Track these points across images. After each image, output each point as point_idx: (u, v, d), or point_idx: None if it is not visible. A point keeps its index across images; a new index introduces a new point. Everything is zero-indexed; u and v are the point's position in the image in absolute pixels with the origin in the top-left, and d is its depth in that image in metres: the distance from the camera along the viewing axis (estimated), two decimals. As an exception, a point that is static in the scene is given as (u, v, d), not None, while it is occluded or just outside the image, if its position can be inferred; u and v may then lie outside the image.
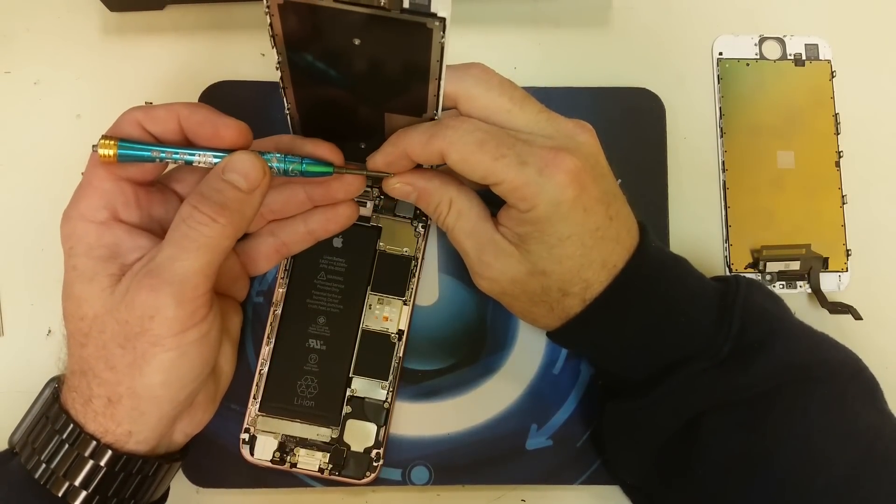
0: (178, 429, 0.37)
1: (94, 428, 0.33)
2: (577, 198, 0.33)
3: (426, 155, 0.34)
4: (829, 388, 0.34)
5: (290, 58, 0.31)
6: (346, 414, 0.41)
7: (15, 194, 0.45)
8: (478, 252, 0.36)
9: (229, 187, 0.33)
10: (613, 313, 0.35)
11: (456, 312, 0.43)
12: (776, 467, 0.33)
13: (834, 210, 0.46)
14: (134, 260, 0.34)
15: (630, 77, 0.46)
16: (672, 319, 0.35)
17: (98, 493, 0.34)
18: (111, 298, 0.33)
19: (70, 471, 0.33)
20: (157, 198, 0.36)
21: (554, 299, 0.35)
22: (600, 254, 0.34)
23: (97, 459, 0.33)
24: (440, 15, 0.28)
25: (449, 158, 0.33)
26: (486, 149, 0.33)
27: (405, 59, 0.31)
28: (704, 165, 0.46)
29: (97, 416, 0.33)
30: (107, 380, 0.33)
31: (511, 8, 0.47)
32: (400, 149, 0.35)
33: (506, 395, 0.43)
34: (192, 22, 0.47)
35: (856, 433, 0.34)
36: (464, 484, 0.42)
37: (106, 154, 0.33)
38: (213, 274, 0.33)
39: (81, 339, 0.33)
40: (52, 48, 0.46)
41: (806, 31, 0.48)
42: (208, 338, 0.34)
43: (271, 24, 0.29)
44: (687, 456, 0.35)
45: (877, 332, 0.45)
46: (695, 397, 0.35)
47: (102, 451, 0.33)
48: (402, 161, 0.35)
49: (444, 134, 0.33)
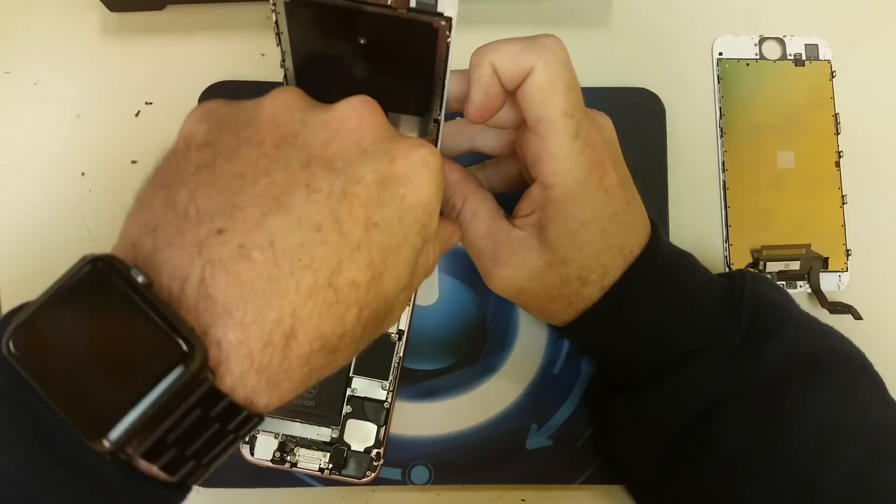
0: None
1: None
2: (601, 180, 0.33)
3: (513, 66, 0.31)
4: (838, 380, 0.34)
5: (294, 56, 0.31)
6: (346, 414, 0.41)
7: (15, 194, 0.45)
8: (493, 251, 0.35)
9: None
10: (630, 299, 0.35)
11: (456, 312, 0.43)
12: (786, 459, 0.33)
13: (834, 210, 0.46)
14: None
15: (630, 77, 0.46)
16: (685, 309, 0.35)
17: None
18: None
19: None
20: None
21: (573, 290, 0.35)
22: (618, 239, 0.34)
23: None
24: (447, 14, 0.28)
25: (534, 77, 0.31)
26: (569, 97, 0.31)
27: (411, 59, 0.31)
28: (704, 165, 0.46)
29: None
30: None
31: (511, 8, 0.47)
32: (484, 60, 0.31)
33: (506, 394, 0.43)
34: (193, 22, 0.47)
35: (865, 426, 0.34)
36: (464, 484, 0.42)
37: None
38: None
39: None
40: (52, 48, 0.46)
41: (806, 31, 0.48)
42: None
43: (277, 22, 0.29)
44: (696, 448, 0.35)
45: (877, 331, 0.45)
46: (707, 389, 0.35)
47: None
48: (485, 76, 0.32)
49: (541, 50, 0.31)
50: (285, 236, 0.24)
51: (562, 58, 0.32)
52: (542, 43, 0.31)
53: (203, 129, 0.27)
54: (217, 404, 0.23)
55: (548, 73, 0.31)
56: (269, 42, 0.30)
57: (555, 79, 0.31)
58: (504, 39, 0.32)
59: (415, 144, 0.28)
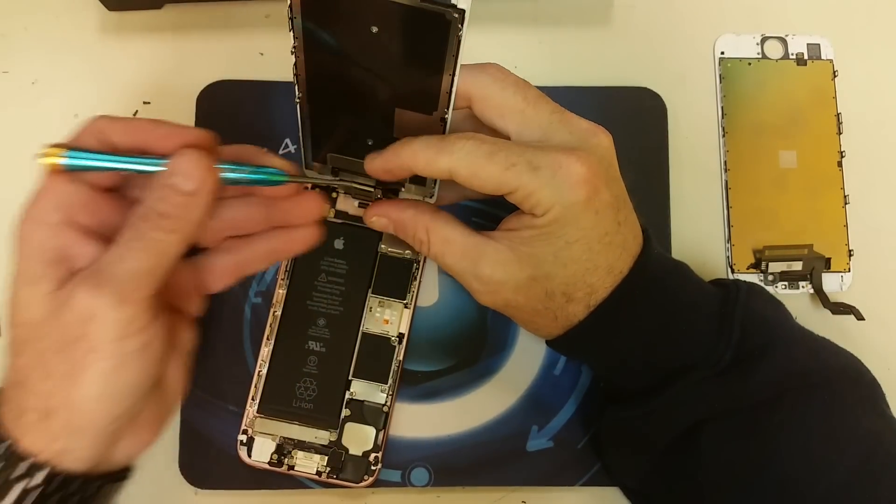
0: (119, 448, 0.34)
1: (29, 444, 0.31)
2: (590, 200, 0.32)
3: (432, 171, 0.33)
4: (828, 394, 0.34)
5: (306, 43, 0.31)
6: (344, 417, 0.41)
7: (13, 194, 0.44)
8: (473, 268, 0.35)
9: (172, 192, 0.32)
10: (617, 320, 0.35)
11: (456, 313, 0.43)
12: (776, 474, 0.33)
13: (836, 210, 0.46)
14: (83, 266, 0.32)
15: (631, 76, 0.46)
16: (673, 328, 0.35)
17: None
18: (53, 303, 0.31)
19: (1, 491, 0.30)
20: (115, 204, 0.34)
21: (558, 305, 0.35)
22: (606, 259, 0.34)
23: (29, 480, 0.30)
24: (460, 6, 0.28)
25: (458, 174, 0.33)
26: (496, 159, 0.32)
27: (421, 51, 0.30)
28: (706, 165, 0.46)
29: (30, 432, 0.31)
30: (41, 391, 0.31)
31: (512, 6, 0.47)
32: (404, 161, 0.34)
33: (506, 396, 0.42)
34: (191, 21, 0.46)
35: (856, 439, 0.33)
36: (464, 485, 0.42)
37: (51, 163, 0.32)
38: (157, 280, 0.32)
39: (19, 347, 0.31)
40: (50, 48, 0.46)
41: (808, 30, 0.48)
42: (150, 350, 0.32)
43: (291, 6, 0.29)
44: (687, 463, 0.35)
45: (879, 332, 0.44)
46: (695, 406, 0.35)
47: (36, 469, 0.31)
48: (402, 172, 0.35)
49: (451, 150, 0.32)
50: None
51: (478, 139, 0.33)
52: (453, 139, 0.33)
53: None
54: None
55: (468, 167, 0.33)
56: (268, 41, 0.30)
57: (475, 166, 0.32)
58: (419, 139, 0.34)
59: None
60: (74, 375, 0.30)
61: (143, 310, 0.31)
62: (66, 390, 0.30)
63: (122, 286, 0.30)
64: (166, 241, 0.31)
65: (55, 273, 0.31)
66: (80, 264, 0.32)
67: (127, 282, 0.30)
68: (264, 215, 0.37)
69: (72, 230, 0.32)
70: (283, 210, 0.37)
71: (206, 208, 0.32)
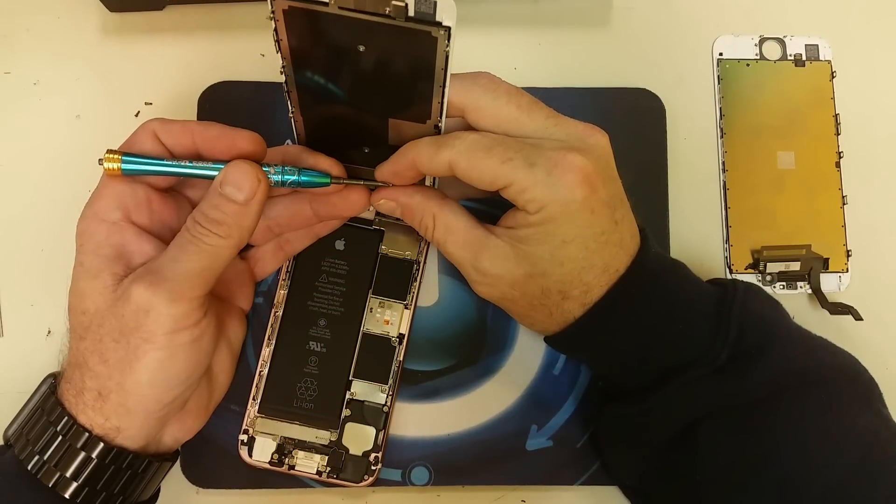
0: (167, 432, 0.37)
1: (85, 420, 0.34)
2: (586, 199, 0.33)
3: (434, 166, 0.34)
4: (825, 393, 0.34)
5: (294, 62, 0.31)
6: (345, 417, 0.41)
7: (15, 194, 0.45)
8: (473, 260, 0.36)
9: (225, 201, 0.34)
10: (613, 318, 0.35)
11: (456, 313, 0.43)
12: (772, 473, 0.33)
13: (834, 210, 0.46)
14: (139, 263, 0.34)
15: (630, 77, 0.46)
16: (670, 326, 0.35)
17: (88, 485, 0.34)
18: (112, 295, 0.33)
19: (62, 462, 0.33)
20: (171, 204, 0.37)
21: (553, 303, 0.35)
22: (602, 258, 0.34)
23: (88, 451, 0.34)
24: (445, 24, 0.27)
25: (457, 167, 0.33)
26: (494, 153, 0.33)
27: (410, 67, 0.30)
28: (705, 166, 0.46)
29: (87, 409, 0.34)
30: (98, 373, 0.33)
31: (511, 8, 0.47)
32: (409, 160, 0.35)
33: (506, 395, 0.43)
34: (192, 22, 0.46)
35: (852, 437, 0.34)
36: (464, 484, 0.42)
37: (110, 168, 0.34)
38: (210, 279, 0.34)
39: (81, 332, 0.34)
40: (51, 48, 0.46)
41: (806, 31, 0.48)
42: (200, 343, 0.34)
43: (276, 29, 0.29)
44: (684, 461, 0.35)
45: (877, 332, 0.45)
46: (692, 405, 0.35)
47: (93, 442, 0.34)
48: (409, 172, 0.35)
49: (452, 144, 0.33)
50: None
51: (478, 134, 0.34)
52: (454, 134, 0.34)
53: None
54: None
55: (467, 160, 0.33)
56: (269, 42, 0.30)
57: (474, 159, 0.33)
58: (422, 139, 0.35)
59: None
60: (129, 362, 0.33)
61: (195, 307, 0.33)
62: (120, 375, 0.33)
63: (177, 285, 0.32)
64: (219, 245, 0.33)
65: (114, 268, 0.34)
66: (138, 261, 0.34)
67: (181, 281, 0.33)
68: (312, 211, 0.39)
69: (129, 228, 0.35)
70: (330, 204, 0.38)
71: (257, 216, 0.34)
